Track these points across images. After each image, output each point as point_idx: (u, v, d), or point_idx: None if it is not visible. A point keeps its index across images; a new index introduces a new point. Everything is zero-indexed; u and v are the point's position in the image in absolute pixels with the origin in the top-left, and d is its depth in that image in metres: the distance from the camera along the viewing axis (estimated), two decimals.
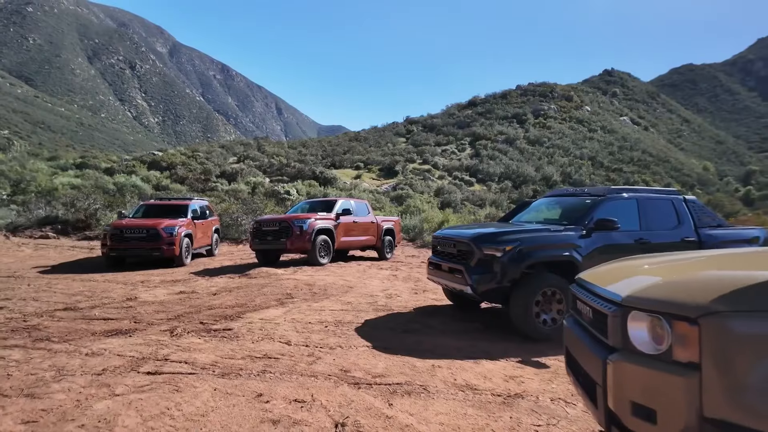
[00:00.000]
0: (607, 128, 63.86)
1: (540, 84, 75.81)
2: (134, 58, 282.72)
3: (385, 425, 2.89)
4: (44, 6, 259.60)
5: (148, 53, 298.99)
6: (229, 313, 5.96)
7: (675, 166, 58.77)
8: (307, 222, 10.66)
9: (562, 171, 43.25)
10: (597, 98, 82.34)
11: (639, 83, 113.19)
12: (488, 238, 5.23)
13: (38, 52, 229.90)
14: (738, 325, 1.62)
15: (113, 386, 3.42)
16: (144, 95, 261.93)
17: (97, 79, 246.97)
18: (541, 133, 55.47)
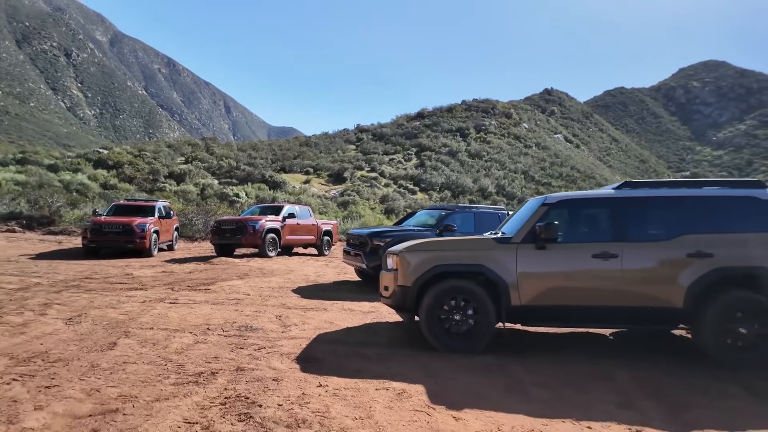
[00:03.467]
0: (542, 145, 68.69)
1: (483, 100, 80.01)
2: (70, 46, 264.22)
3: (303, 320, 5.67)
4: None
5: (86, 41, 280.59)
6: (204, 282, 8.46)
7: (599, 182, 64.28)
8: (258, 223, 12.82)
9: (497, 183, 46.45)
10: (535, 116, 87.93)
11: (575, 103, 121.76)
12: (376, 234, 8.27)
13: None
14: (408, 256, 4.39)
15: (153, 306, 6.11)
16: (80, 85, 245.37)
17: (26, 65, 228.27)
18: (481, 147, 58.87)
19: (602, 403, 3.24)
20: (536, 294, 4.44)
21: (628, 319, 4.49)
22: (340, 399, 3.18)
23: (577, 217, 4.84)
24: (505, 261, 4.49)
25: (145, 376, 3.48)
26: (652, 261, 4.37)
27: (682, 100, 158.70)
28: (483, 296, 4.45)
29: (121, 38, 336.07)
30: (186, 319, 5.38)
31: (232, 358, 4.00)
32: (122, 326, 4.94)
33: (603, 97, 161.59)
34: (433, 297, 4.50)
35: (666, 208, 4.56)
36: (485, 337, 4.46)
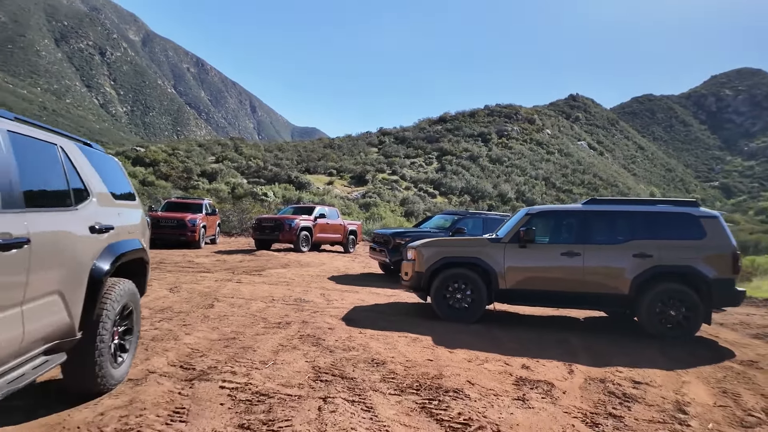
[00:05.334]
0: (564, 151, 69.14)
1: (506, 106, 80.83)
2: (105, 45, 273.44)
3: (341, 297, 7.37)
4: None
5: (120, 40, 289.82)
6: (255, 268, 10.26)
7: (622, 191, 64.39)
8: (294, 221, 14.56)
9: (518, 189, 47.47)
10: (559, 122, 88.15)
11: (601, 109, 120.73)
12: (398, 234, 10.00)
13: (1, 30, 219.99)
14: (423, 250, 6.27)
15: (225, 284, 7.90)
16: (113, 83, 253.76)
17: (63, 62, 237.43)
18: (502, 153, 59.87)
19: (552, 353, 4.75)
20: (518, 281, 5.98)
21: (588, 302, 5.98)
22: (374, 340, 4.81)
23: (551, 224, 6.36)
24: (495, 256, 6.05)
25: (242, 323, 5.18)
26: (607, 259, 5.86)
27: (713, 108, 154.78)
28: (478, 281, 6.01)
29: (152, 38, 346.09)
30: (254, 293, 7.12)
31: (297, 316, 5.68)
32: (211, 295, 6.70)
33: (630, 104, 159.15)
34: (440, 280, 6.09)
35: (619, 219, 6.05)
36: (478, 311, 6.02)
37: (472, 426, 2.90)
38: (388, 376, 3.73)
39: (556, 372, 4.13)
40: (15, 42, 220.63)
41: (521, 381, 3.83)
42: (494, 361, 4.36)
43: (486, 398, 3.39)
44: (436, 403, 3.23)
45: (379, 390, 3.43)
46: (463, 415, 3.05)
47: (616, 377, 4.07)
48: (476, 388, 3.60)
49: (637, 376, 4.13)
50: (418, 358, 4.28)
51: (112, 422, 2.65)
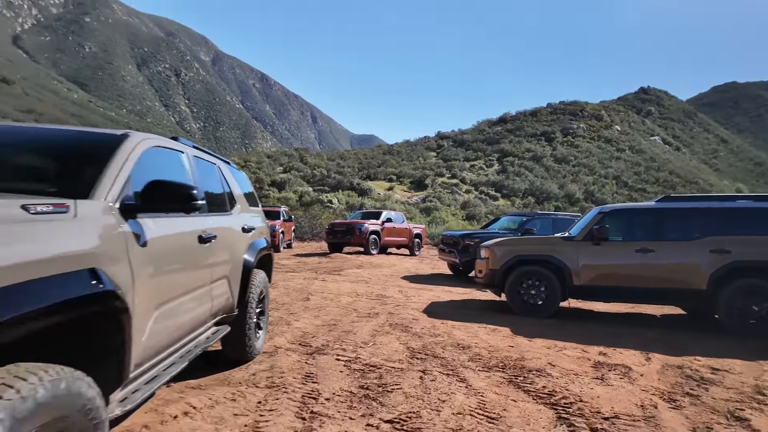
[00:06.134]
0: (636, 148, 65.35)
1: (570, 103, 77.88)
2: (179, 66, 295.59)
3: (417, 294, 7.98)
4: (100, 16, 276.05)
5: (193, 61, 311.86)
6: (334, 269, 11.23)
7: (703, 188, 59.70)
8: (364, 225, 15.43)
9: (586, 189, 45.68)
10: (629, 117, 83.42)
11: (676, 102, 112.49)
12: (467, 236, 10.48)
13: (93, 60, 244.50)
14: (496, 248, 6.71)
15: (312, 282, 8.76)
16: (187, 102, 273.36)
17: (144, 85, 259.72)
18: (568, 152, 57.79)
19: (628, 343, 4.99)
20: (592, 277, 6.22)
21: (663, 298, 6.09)
22: (456, 329, 5.32)
23: (624, 222, 6.51)
24: (569, 253, 6.33)
25: (337, 313, 5.89)
26: (682, 255, 5.95)
27: None
28: (552, 278, 6.32)
29: (221, 57, 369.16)
30: (339, 289, 7.87)
31: (382, 309, 6.31)
32: (304, 290, 7.53)
33: (709, 94, 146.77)
34: (514, 277, 6.46)
35: (695, 216, 6.10)
36: (553, 307, 6.32)
37: (557, 396, 3.33)
38: (474, 357, 4.23)
39: (633, 359, 4.40)
40: (104, 69, 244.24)
41: (599, 364, 4.16)
42: (572, 348, 4.70)
43: (567, 376, 3.79)
44: (522, 379, 3.68)
45: (468, 367, 3.93)
46: (547, 388, 3.48)
47: (693, 364, 4.27)
48: (557, 368, 3.99)
49: (716, 364, 4.30)
50: (499, 345, 4.73)
51: (262, 380, 3.38)
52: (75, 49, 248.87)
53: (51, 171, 2.15)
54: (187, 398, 2.98)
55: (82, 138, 2.38)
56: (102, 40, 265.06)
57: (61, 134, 2.37)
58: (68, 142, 2.33)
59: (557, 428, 2.80)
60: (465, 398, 3.21)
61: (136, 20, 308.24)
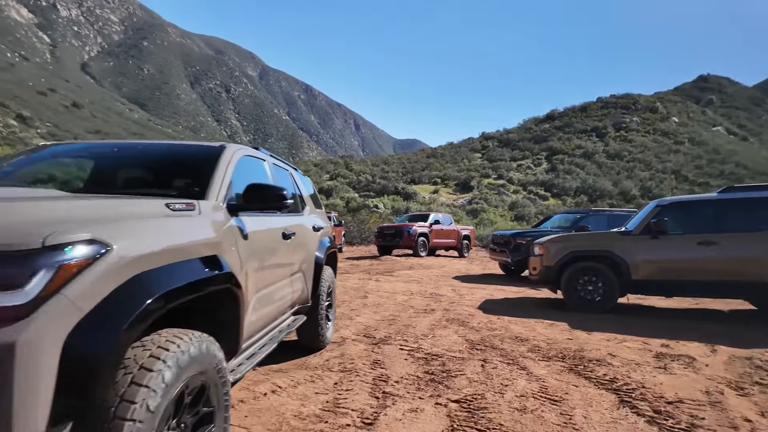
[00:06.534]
0: (696, 140, 61.56)
1: (622, 96, 74.61)
2: (229, 82, 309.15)
3: (470, 292, 8.02)
4: (156, 40, 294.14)
5: (241, 77, 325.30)
6: (386, 270, 11.51)
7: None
8: (412, 228, 15.65)
9: (642, 185, 43.59)
10: (687, 108, 78.75)
11: (740, 88, 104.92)
12: (518, 234, 10.42)
13: (151, 81, 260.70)
14: (550, 245, 6.66)
15: (366, 282, 9.10)
16: (237, 116, 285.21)
17: (198, 102, 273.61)
18: (621, 147, 55.40)
19: (692, 336, 4.91)
20: (651, 272, 6.11)
21: (727, 291, 5.89)
22: (513, 324, 5.43)
23: (684, 215, 6.35)
24: (626, 248, 6.26)
25: (395, 309, 6.16)
26: (748, 247, 5.74)
27: None
28: (609, 273, 6.27)
29: (268, 71, 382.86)
30: (394, 288, 8.15)
31: (438, 306, 6.51)
32: (361, 289, 7.87)
33: None
34: (570, 273, 6.46)
35: (761, 206, 5.86)
36: (610, 302, 6.27)
37: (618, 382, 3.41)
38: (533, 349, 4.34)
39: (698, 350, 4.35)
40: (161, 89, 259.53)
41: (661, 355, 4.16)
42: (632, 341, 4.70)
43: (628, 366, 3.84)
44: (582, 367, 3.77)
45: (528, 357, 4.06)
46: (608, 376, 3.56)
47: (764, 356, 4.17)
48: (618, 359, 4.04)
49: None
50: (557, 337, 4.81)
51: (335, 365, 3.69)
52: (135, 72, 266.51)
53: (173, 177, 2.55)
54: (272, 379, 3.34)
55: (191, 150, 2.80)
56: (158, 62, 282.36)
57: (176, 147, 2.82)
58: (183, 154, 2.76)
59: (620, 410, 2.90)
60: (527, 383, 3.37)
61: (188, 41, 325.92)
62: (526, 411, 2.86)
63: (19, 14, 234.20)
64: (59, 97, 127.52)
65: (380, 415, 2.75)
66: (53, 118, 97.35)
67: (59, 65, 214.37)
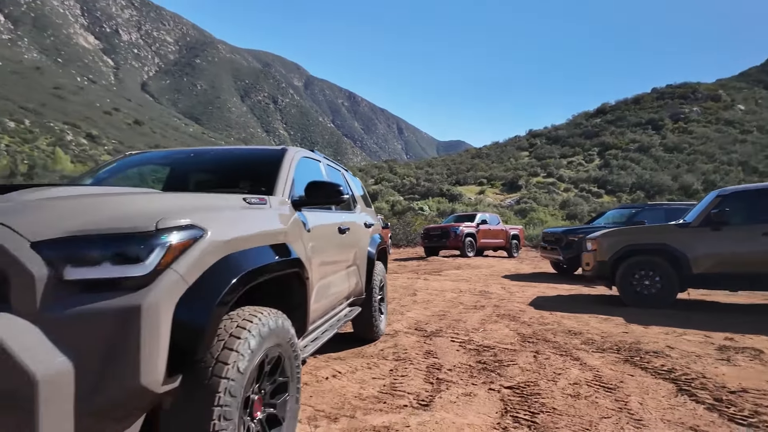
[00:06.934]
0: (766, 128, 57.04)
1: (680, 85, 70.42)
2: (276, 94, 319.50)
3: (521, 290, 8.08)
4: (207, 57, 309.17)
5: (288, 88, 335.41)
6: (434, 270, 11.68)
7: None
8: (459, 228, 15.60)
9: (705, 179, 40.91)
10: (754, 94, 73.05)
11: None
12: (570, 231, 10.16)
13: (204, 96, 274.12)
14: (603, 239, 6.53)
15: (415, 281, 9.33)
16: (285, 126, 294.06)
17: (247, 114, 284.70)
18: (680, 139, 52.30)
19: (760, 330, 4.68)
20: (713, 265, 5.85)
21: None
22: (565, 318, 5.39)
23: (747, 204, 6.02)
24: (685, 241, 6.03)
25: (444, 306, 6.26)
26: None
27: None
28: (667, 267, 6.07)
29: (312, 81, 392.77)
30: (442, 287, 8.24)
31: (487, 302, 6.55)
32: (410, 288, 8.03)
33: None
34: (625, 268, 6.30)
35: None
36: (669, 297, 6.05)
37: (677, 372, 3.35)
38: (587, 342, 4.32)
39: (766, 343, 4.16)
40: (213, 104, 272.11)
41: (724, 348, 4.02)
42: (693, 334, 4.56)
43: (688, 357, 3.75)
44: (638, 359, 3.73)
45: (581, 349, 4.05)
46: (666, 366, 3.50)
47: None
48: (677, 351, 3.95)
49: None
50: (612, 331, 4.74)
51: (389, 355, 3.87)
52: (189, 89, 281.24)
53: (243, 177, 2.84)
54: (332, 366, 3.56)
55: (257, 153, 3.10)
56: (210, 78, 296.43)
57: (244, 151, 3.13)
58: (251, 156, 3.06)
59: (678, 398, 2.88)
60: (580, 372, 3.39)
61: (237, 56, 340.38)
62: (580, 397, 2.90)
63: (86, 41, 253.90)
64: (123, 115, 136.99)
65: (435, 398, 2.89)
66: (118, 136, 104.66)
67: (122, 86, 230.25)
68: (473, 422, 2.54)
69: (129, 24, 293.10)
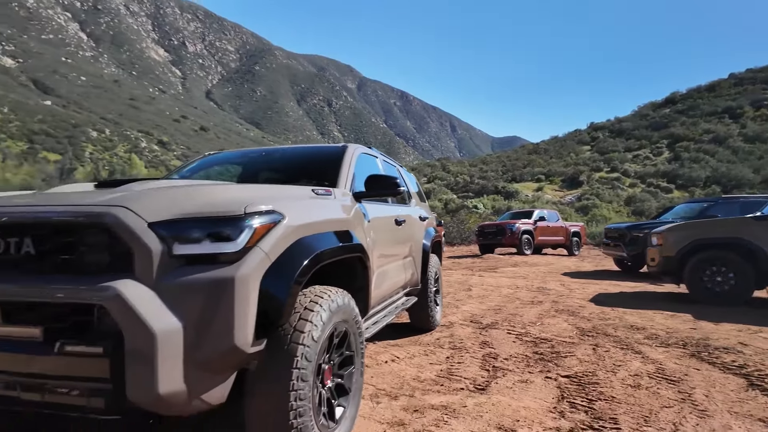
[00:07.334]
0: None
1: (762, 68, 64.20)
2: (330, 96, 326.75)
3: (581, 287, 7.80)
4: (266, 63, 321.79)
5: (341, 91, 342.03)
6: (489, 267, 11.49)
7: None
8: (515, 225, 15.23)
9: None
10: None
11: None
12: (634, 227, 9.73)
13: (263, 102, 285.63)
14: (670, 234, 6.26)
15: (470, 277, 9.35)
16: (339, 128, 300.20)
17: (304, 118, 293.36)
18: (763, 128, 47.71)
19: None
20: None
21: None
22: (628, 314, 5.23)
23: None
24: (762, 234, 5.64)
25: (500, 301, 6.27)
26: None
27: None
28: (741, 262, 5.70)
29: (365, 82, 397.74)
30: (498, 282, 8.20)
31: (545, 298, 6.47)
32: (465, 283, 8.07)
33: None
34: (694, 263, 5.98)
35: None
36: (744, 294, 5.68)
37: (749, 368, 3.21)
38: (650, 336, 4.20)
39: None
40: (272, 108, 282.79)
41: None
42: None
43: (763, 354, 3.56)
44: (706, 354, 3.59)
45: (644, 344, 3.96)
46: (737, 362, 3.35)
47: None
48: (750, 348, 3.75)
49: None
50: (679, 327, 4.56)
51: (445, 344, 3.99)
52: (249, 95, 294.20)
53: (309, 172, 3.08)
54: (390, 351, 3.74)
55: (321, 150, 3.35)
56: (269, 84, 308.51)
57: (309, 149, 3.39)
58: (315, 153, 3.32)
59: (748, 392, 2.78)
60: (642, 365, 3.33)
61: (293, 62, 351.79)
62: (640, 387, 2.87)
63: (157, 54, 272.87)
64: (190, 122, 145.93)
65: (491, 383, 2.98)
66: (186, 142, 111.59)
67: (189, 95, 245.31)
68: (529, 405, 2.61)
69: (194, 36, 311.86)
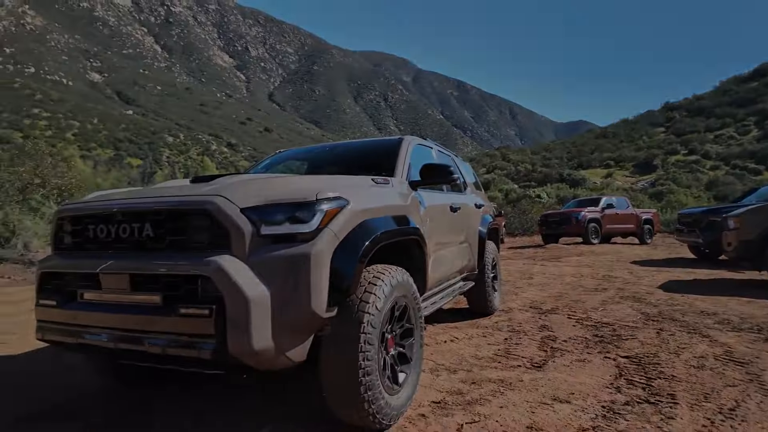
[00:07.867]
0: None
1: None
2: (386, 91, 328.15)
3: (651, 275, 7.42)
4: (323, 63, 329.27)
5: (397, 84, 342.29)
6: (552, 257, 11.16)
7: None
8: (581, 213, 14.63)
9: None
10: None
11: None
12: (711, 211, 9.03)
13: (322, 100, 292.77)
14: (749, 216, 5.99)
15: (532, 267, 9.13)
16: (395, 122, 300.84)
17: (361, 114, 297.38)
18: None
19: None
20: None
21: None
22: (699, 300, 5.02)
23: None
24: None
25: (562, 288, 6.22)
26: None
27: None
28: None
29: (421, 74, 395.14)
30: (561, 271, 8.08)
31: (610, 285, 6.33)
32: (526, 272, 8.04)
33: None
34: None
35: None
36: None
37: None
38: (721, 321, 4.05)
39: None
40: (330, 107, 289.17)
41: None
42: None
43: None
44: None
45: (713, 328, 3.83)
46: None
47: None
48: None
49: None
50: (755, 313, 4.33)
51: (504, 327, 4.11)
52: (309, 95, 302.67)
53: (369, 162, 3.33)
54: (449, 332, 3.93)
55: (379, 142, 3.60)
56: (327, 83, 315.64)
57: (368, 142, 3.66)
58: (374, 145, 3.58)
59: None
60: (708, 348, 3.27)
61: (349, 59, 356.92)
62: (704, 368, 2.85)
63: (223, 60, 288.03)
64: (255, 124, 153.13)
65: (548, 362, 3.09)
66: (252, 143, 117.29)
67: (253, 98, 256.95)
68: (585, 381, 2.70)
69: (256, 40, 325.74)
